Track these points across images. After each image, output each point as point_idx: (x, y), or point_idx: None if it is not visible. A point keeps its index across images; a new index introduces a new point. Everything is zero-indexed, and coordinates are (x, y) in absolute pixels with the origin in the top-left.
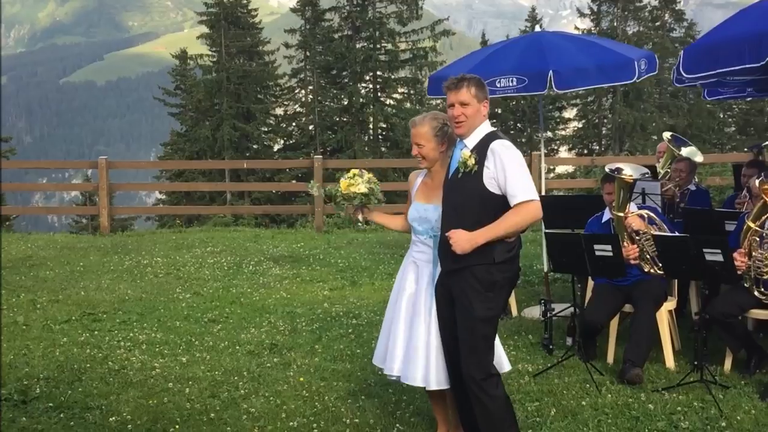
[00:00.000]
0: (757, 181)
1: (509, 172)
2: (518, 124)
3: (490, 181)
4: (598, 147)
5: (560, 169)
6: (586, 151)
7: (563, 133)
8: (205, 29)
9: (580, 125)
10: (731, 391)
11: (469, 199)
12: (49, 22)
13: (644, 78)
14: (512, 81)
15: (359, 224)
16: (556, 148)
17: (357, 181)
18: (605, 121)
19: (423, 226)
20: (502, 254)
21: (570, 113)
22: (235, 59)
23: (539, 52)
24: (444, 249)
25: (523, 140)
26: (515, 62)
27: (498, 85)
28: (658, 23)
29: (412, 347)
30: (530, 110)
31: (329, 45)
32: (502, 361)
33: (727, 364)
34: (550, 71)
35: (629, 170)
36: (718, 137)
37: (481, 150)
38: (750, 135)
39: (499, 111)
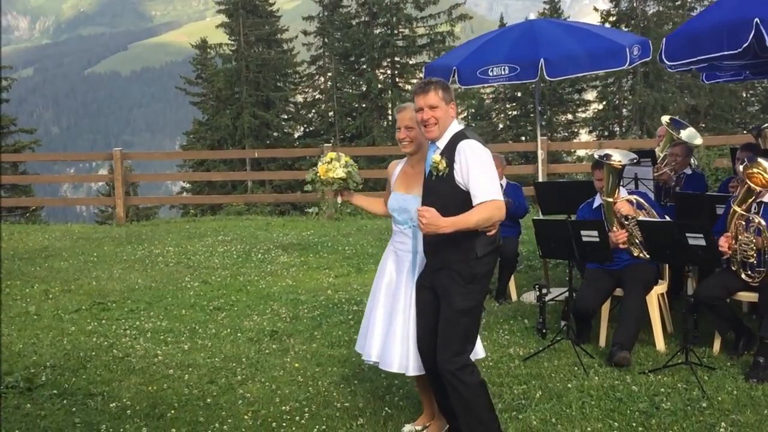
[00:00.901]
0: (741, 166)
1: (472, 172)
2: (538, 107)
3: (461, 180)
4: (618, 129)
5: (582, 152)
6: (606, 133)
7: (583, 115)
8: (224, 18)
9: (600, 107)
10: (717, 372)
11: (445, 199)
12: (73, 13)
13: (637, 63)
14: (504, 70)
15: (338, 205)
16: (576, 130)
17: (335, 166)
18: (625, 102)
19: (402, 216)
20: (484, 248)
21: (590, 95)
22: (254, 47)
23: (531, 41)
24: (428, 246)
25: (544, 123)
26: (508, 51)
27: (491, 74)
28: (678, 2)
29: (390, 334)
30: (549, 93)
31: (347, 31)
32: (477, 348)
33: (716, 345)
34: (541, 59)
35: (618, 156)
36: (741, 116)
37: (449, 150)
38: None
39: (519, 94)
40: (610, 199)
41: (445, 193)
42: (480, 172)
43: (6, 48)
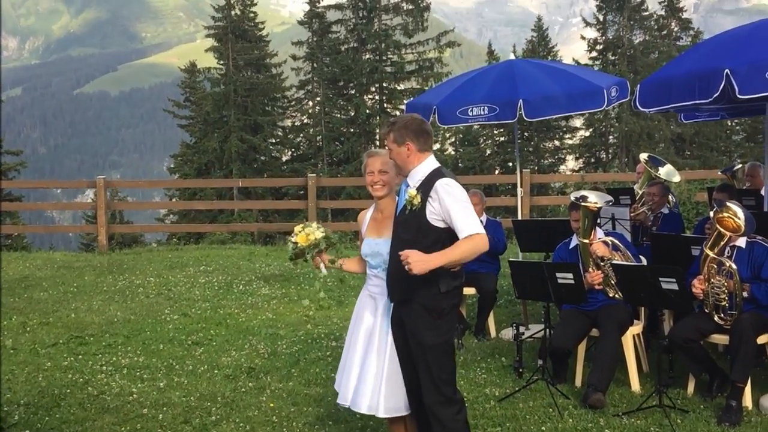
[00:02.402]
0: (711, 212)
1: (453, 210)
2: (525, 133)
3: (434, 217)
4: (605, 156)
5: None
6: (593, 160)
7: (570, 142)
8: (213, 42)
9: (587, 134)
10: (690, 415)
11: (415, 233)
12: (63, 34)
13: (615, 104)
14: (483, 110)
15: (322, 271)
16: (563, 157)
17: (311, 230)
18: (612, 129)
19: (376, 260)
20: (447, 283)
21: (577, 122)
22: (243, 72)
23: (510, 81)
24: (392, 279)
25: (530, 149)
26: (487, 91)
27: (470, 114)
28: (664, 32)
29: (363, 375)
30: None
31: (336, 57)
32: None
33: (690, 387)
34: (520, 100)
35: (594, 198)
36: (726, 144)
37: (426, 187)
38: (758, 142)
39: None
40: (586, 241)
41: (416, 228)
42: (460, 208)
43: None
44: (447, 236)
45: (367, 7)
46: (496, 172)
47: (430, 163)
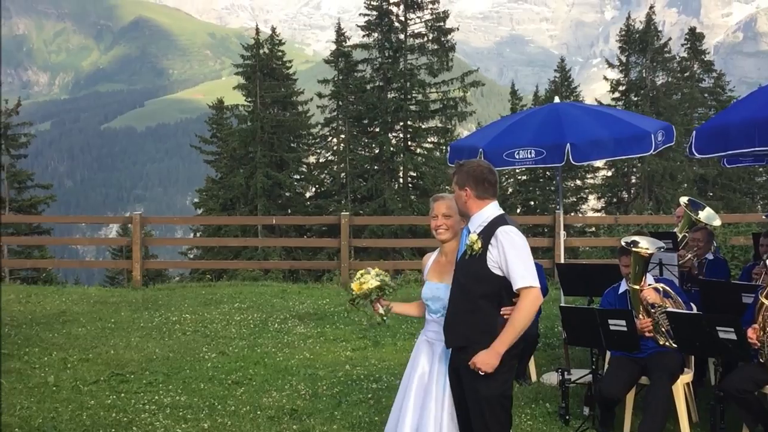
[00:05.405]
0: (766, 256)
1: (510, 258)
2: (546, 172)
3: (493, 264)
4: (627, 195)
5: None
6: (615, 200)
7: (592, 181)
8: (241, 79)
9: (609, 174)
10: None
11: (473, 279)
12: (92, 70)
13: (661, 149)
14: (531, 153)
15: (381, 319)
16: (584, 196)
17: (366, 279)
18: (634, 170)
19: (436, 304)
20: None
21: (599, 161)
22: (270, 109)
23: (557, 125)
24: (449, 325)
25: (552, 188)
26: (533, 134)
27: (517, 157)
28: (687, 74)
29: (421, 422)
30: None
31: (361, 95)
32: None
33: None
34: (568, 144)
35: (645, 243)
36: (749, 186)
37: (487, 234)
38: None
39: None
40: (637, 287)
41: (474, 273)
42: (517, 258)
43: (25, 102)
44: (503, 288)
45: (393, 47)
46: (518, 211)
47: (492, 210)
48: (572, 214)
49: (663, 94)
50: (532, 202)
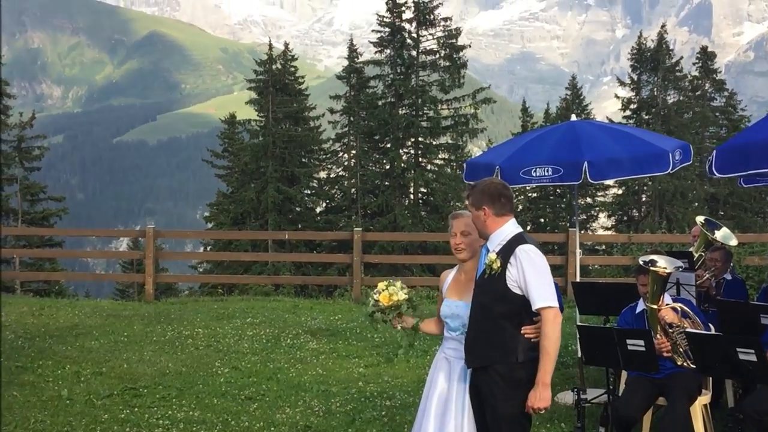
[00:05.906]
0: None
1: (529, 277)
2: (557, 190)
3: (512, 283)
4: (637, 214)
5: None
6: (625, 218)
7: (602, 199)
8: (253, 94)
9: (620, 192)
10: None
11: (493, 298)
12: (105, 84)
13: (678, 168)
14: (548, 171)
15: (409, 336)
16: (595, 214)
17: (394, 290)
18: (645, 188)
19: (455, 322)
20: (526, 353)
21: (609, 179)
22: (282, 124)
23: (574, 142)
24: (470, 345)
25: (563, 205)
26: (550, 152)
27: (534, 174)
28: (698, 92)
29: None
30: None
31: (373, 111)
32: None
33: None
34: (585, 162)
35: (664, 263)
36: (760, 205)
37: (506, 253)
38: None
39: None
40: (655, 306)
41: (494, 291)
42: (537, 277)
43: (38, 115)
44: (523, 307)
45: (405, 63)
46: (528, 228)
47: (511, 228)
48: (582, 231)
49: (674, 113)
50: (542, 220)
